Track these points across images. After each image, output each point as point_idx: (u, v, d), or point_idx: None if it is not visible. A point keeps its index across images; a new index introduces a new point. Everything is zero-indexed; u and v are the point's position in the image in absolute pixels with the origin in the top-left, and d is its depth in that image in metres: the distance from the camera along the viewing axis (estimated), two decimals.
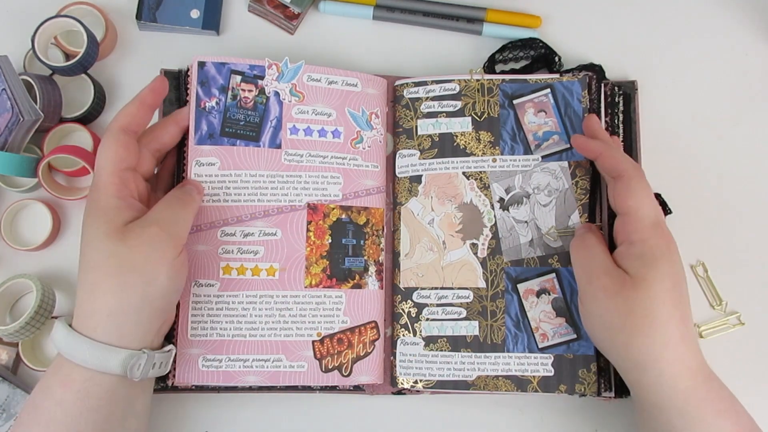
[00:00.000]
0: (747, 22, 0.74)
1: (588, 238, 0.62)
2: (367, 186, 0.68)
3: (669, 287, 0.56)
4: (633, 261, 0.57)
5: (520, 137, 0.68)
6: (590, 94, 0.68)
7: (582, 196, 0.67)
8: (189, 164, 0.65)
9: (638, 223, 0.58)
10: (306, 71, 0.68)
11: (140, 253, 0.54)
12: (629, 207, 0.59)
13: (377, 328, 0.67)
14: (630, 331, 0.55)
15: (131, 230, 0.55)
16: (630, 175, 0.59)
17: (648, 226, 0.58)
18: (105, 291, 0.54)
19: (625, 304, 0.56)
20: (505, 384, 0.65)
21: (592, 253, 0.60)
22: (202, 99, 0.66)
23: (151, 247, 0.55)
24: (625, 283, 0.56)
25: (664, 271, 0.56)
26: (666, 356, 0.55)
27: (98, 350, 0.53)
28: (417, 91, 0.70)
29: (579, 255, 0.62)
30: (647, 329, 0.55)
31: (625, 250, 0.59)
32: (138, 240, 0.54)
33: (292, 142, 0.67)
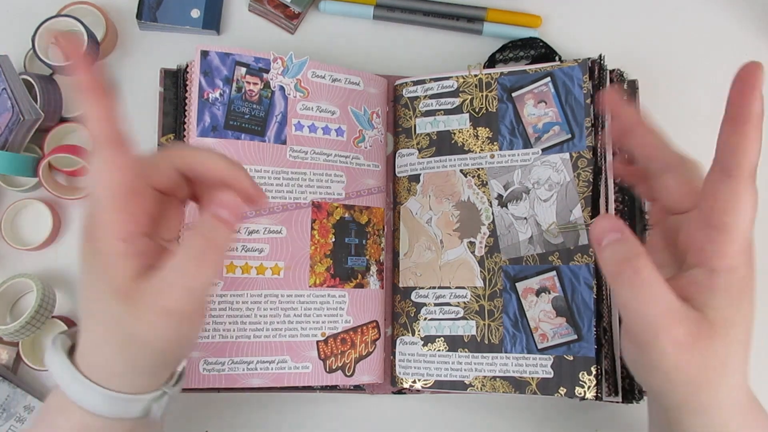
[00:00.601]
0: (747, 22, 0.74)
1: (642, 268, 0.43)
2: (369, 185, 0.68)
3: (747, 323, 0.44)
4: (715, 297, 0.43)
5: (520, 131, 0.68)
6: (592, 79, 0.67)
7: (584, 189, 0.66)
8: None
9: (733, 244, 0.43)
10: (310, 67, 0.68)
11: (153, 329, 0.43)
12: (728, 222, 0.43)
13: (378, 327, 0.67)
14: (698, 385, 0.44)
15: (141, 298, 0.43)
16: (740, 173, 0.43)
17: (743, 249, 0.43)
18: (115, 355, 0.45)
19: (700, 358, 0.43)
20: (502, 385, 0.64)
21: (654, 294, 0.43)
22: (206, 89, 0.64)
23: (166, 327, 0.43)
24: (702, 329, 0.43)
25: (747, 304, 0.44)
26: (726, 403, 0.45)
27: (118, 402, 0.45)
28: (416, 89, 0.70)
29: (633, 296, 0.43)
30: (715, 382, 0.44)
31: (704, 279, 0.44)
32: (151, 313, 0.43)
33: (297, 138, 0.66)
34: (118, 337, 0.44)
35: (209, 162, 0.46)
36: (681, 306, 0.43)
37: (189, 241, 0.44)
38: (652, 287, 0.43)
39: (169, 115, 0.68)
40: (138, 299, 0.42)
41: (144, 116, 0.71)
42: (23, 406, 0.64)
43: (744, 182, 0.42)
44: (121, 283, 0.43)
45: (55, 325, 0.66)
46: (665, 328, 0.43)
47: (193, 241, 0.44)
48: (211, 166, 0.46)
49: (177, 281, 0.43)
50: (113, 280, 0.43)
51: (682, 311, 0.43)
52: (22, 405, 0.64)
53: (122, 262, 0.43)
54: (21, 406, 0.64)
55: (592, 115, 0.66)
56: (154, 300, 0.42)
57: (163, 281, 0.43)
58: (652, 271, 0.43)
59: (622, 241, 0.44)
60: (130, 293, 0.42)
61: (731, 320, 0.43)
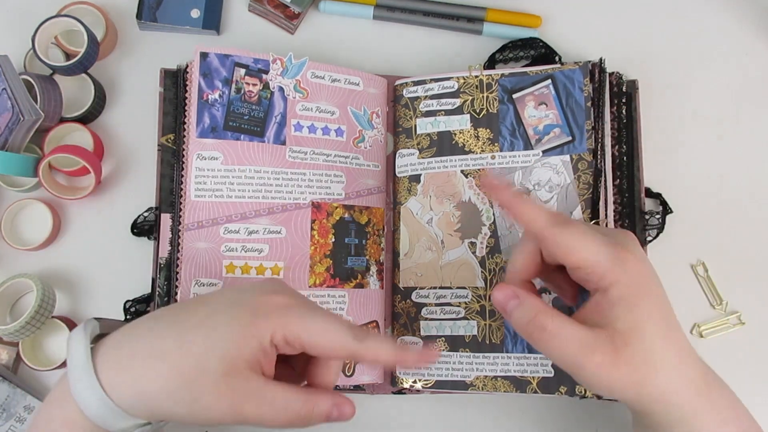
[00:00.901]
0: (747, 22, 0.74)
1: (545, 323, 0.50)
2: (369, 185, 0.68)
3: (657, 317, 0.50)
4: (615, 310, 0.49)
5: (520, 132, 0.68)
6: (592, 82, 0.67)
7: (584, 191, 0.66)
8: (190, 158, 0.64)
9: (595, 271, 0.50)
10: (310, 68, 0.68)
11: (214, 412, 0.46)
12: (575, 262, 0.50)
13: (378, 327, 0.67)
14: (638, 386, 0.49)
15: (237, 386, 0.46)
16: (553, 234, 0.51)
17: (607, 267, 0.50)
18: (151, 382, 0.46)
19: (627, 366, 0.48)
20: (504, 385, 0.64)
21: (563, 339, 0.49)
22: (205, 91, 0.65)
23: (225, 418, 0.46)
24: (617, 343, 0.49)
25: (648, 302, 0.50)
26: (671, 388, 0.50)
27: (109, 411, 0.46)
28: (416, 90, 0.70)
29: (548, 351, 0.50)
30: (652, 376, 0.49)
31: (601, 299, 0.50)
32: (226, 402, 0.46)
33: (297, 138, 0.67)
34: (185, 376, 0.46)
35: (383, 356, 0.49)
36: (590, 335, 0.49)
37: (299, 404, 0.47)
38: (560, 334, 0.49)
39: (169, 115, 0.68)
40: (230, 382, 0.46)
41: (144, 116, 0.71)
42: (23, 406, 0.64)
43: (551, 233, 0.50)
44: (237, 360, 0.46)
45: (55, 325, 0.66)
46: (585, 360, 0.48)
47: (300, 408, 0.47)
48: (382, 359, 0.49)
49: (262, 410, 0.46)
50: (235, 353, 0.46)
51: (593, 339, 0.49)
52: (22, 405, 0.64)
53: (256, 350, 0.46)
54: (21, 406, 0.64)
55: (592, 118, 0.66)
56: (238, 398, 0.46)
57: (255, 396, 0.46)
58: (554, 320, 0.49)
59: (521, 305, 0.51)
60: (231, 371, 0.46)
61: (637, 321, 0.49)
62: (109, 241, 0.69)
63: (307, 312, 0.48)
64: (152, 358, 0.46)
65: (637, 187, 0.68)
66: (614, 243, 0.51)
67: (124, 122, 0.71)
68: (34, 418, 0.50)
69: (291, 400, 0.47)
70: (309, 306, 0.49)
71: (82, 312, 0.68)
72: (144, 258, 0.68)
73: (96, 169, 0.67)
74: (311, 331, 0.47)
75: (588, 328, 0.49)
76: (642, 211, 0.68)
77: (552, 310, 0.50)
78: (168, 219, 0.66)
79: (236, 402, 0.46)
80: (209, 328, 0.47)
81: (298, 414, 0.47)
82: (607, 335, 0.49)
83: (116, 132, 0.71)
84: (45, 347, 0.68)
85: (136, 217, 0.68)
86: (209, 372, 0.45)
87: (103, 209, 0.70)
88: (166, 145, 0.67)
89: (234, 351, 0.46)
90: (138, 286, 0.68)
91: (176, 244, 0.64)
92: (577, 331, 0.49)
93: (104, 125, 0.71)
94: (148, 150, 0.70)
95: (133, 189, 0.70)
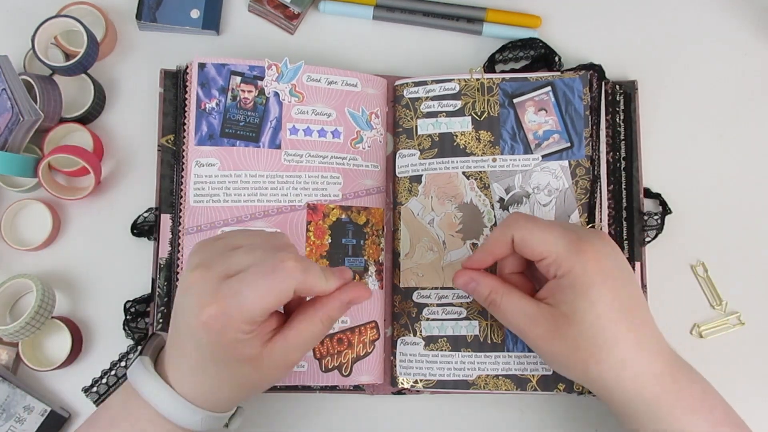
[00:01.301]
0: (747, 22, 0.74)
1: (497, 298, 0.59)
2: (367, 186, 0.68)
3: (608, 304, 0.54)
4: (563, 294, 0.55)
5: (520, 136, 0.68)
6: (591, 91, 0.68)
7: (582, 196, 0.67)
8: (189, 165, 0.65)
9: (554, 261, 0.56)
10: (306, 71, 0.68)
11: (274, 379, 0.54)
12: (538, 255, 0.56)
13: (377, 327, 0.67)
14: (583, 364, 0.55)
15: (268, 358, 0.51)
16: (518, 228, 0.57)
17: (564, 257, 0.55)
18: (228, 392, 0.53)
19: (567, 343, 0.55)
20: (505, 383, 0.65)
21: (512, 311, 0.58)
22: (203, 100, 0.66)
23: (284, 374, 0.55)
24: (559, 322, 0.55)
25: (599, 290, 0.54)
26: (625, 374, 0.54)
27: (213, 420, 0.53)
28: (417, 90, 0.70)
29: (502, 320, 0.60)
30: (598, 356, 0.54)
31: (554, 284, 0.56)
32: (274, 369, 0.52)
33: (292, 142, 0.67)
34: (239, 384, 0.52)
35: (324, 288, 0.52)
36: (535, 311, 0.57)
37: (317, 318, 0.52)
38: (507, 306, 0.58)
39: (169, 115, 0.68)
40: (265, 360, 0.51)
41: (144, 116, 0.71)
42: (23, 406, 0.64)
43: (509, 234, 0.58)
44: (249, 353, 0.50)
45: (54, 325, 0.66)
46: (528, 329, 0.57)
47: (322, 319, 0.52)
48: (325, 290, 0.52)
49: (302, 346, 0.52)
50: (241, 354, 0.50)
51: (537, 314, 0.56)
52: (22, 405, 0.64)
53: (249, 343, 0.50)
54: (21, 407, 0.64)
55: (590, 125, 0.67)
56: (283, 359, 0.52)
57: (290, 347, 0.52)
58: (504, 296, 0.58)
59: (477, 286, 0.60)
60: (257, 358, 0.51)
61: (580, 308, 0.54)
62: (109, 241, 0.69)
63: (233, 297, 0.49)
64: (197, 369, 0.51)
65: (635, 188, 0.69)
66: (575, 237, 0.56)
67: (124, 122, 0.71)
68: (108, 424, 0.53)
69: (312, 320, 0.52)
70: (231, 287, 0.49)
71: (82, 312, 0.68)
72: (144, 258, 0.68)
73: (96, 170, 0.67)
74: (252, 312, 0.49)
75: (536, 303, 0.57)
76: (641, 212, 0.68)
77: (504, 287, 0.59)
78: (168, 219, 0.66)
79: (285, 364, 0.52)
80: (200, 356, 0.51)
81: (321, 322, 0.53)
82: (551, 312, 0.56)
83: (116, 132, 0.71)
84: (45, 347, 0.68)
85: (136, 217, 0.68)
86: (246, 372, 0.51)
87: (103, 209, 0.70)
88: (166, 146, 0.68)
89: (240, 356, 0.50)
90: (138, 286, 0.68)
91: (176, 246, 0.65)
92: (525, 305, 0.57)
93: (104, 125, 0.71)
94: (148, 150, 0.70)
95: (132, 189, 0.70)
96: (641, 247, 0.68)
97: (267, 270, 0.49)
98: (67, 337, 0.65)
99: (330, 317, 0.53)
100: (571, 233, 0.56)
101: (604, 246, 0.56)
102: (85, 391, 0.66)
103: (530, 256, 0.57)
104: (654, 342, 0.56)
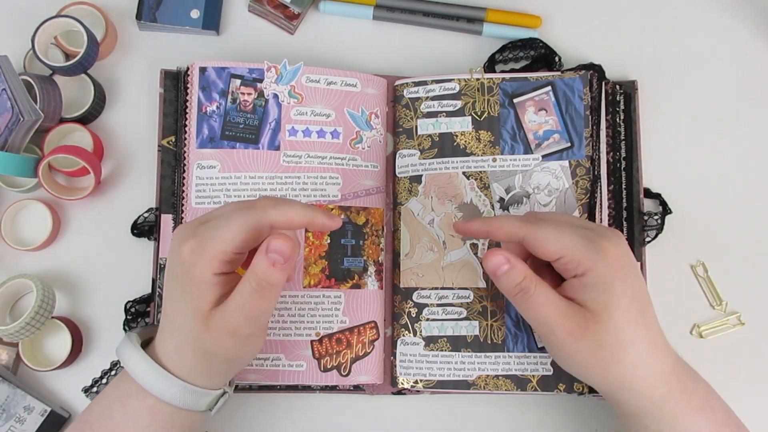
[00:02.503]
0: (747, 22, 0.74)
1: (529, 286, 0.55)
2: (367, 186, 0.68)
3: (629, 303, 0.54)
4: (588, 293, 0.54)
5: (521, 136, 0.68)
6: (591, 91, 0.68)
7: (582, 196, 0.67)
8: (190, 167, 0.66)
9: (573, 259, 0.54)
10: (305, 72, 0.68)
11: (222, 346, 0.53)
12: (554, 254, 0.55)
13: (377, 328, 0.67)
14: (605, 363, 0.54)
15: (213, 322, 0.52)
16: (528, 232, 0.56)
17: (584, 255, 0.54)
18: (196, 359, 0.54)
19: (594, 341, 0.54)
20: (505, 383, 0.65)
21: (542, 302, 0.55)
22: (204, 103, 0.67)
23: (231, 344, 0.53)
24: (588, 319, 0.54)
25: (621, 288, 0.54)
26: (639, 373, 0.54)
27: (194, 394, 0.55)
28: (417, 90, 0.70)
29: (529, 312, 0.56)
30: (619, 356, 0.54)
31: (577, 282, 0.55)
32: (220, 334, 0.52)
33: (291, 143, 0.67)
34: (196, 347, 0.53)
35: (294, 215, 0.53)
36: (566, 305, 0.55)
37: (248, 280, 0.51)
38: (539, 297, 0.55)
39: (169, 115, 0.68)
40: (211, 323, 0.52)
41: (144, 116, 0.71)
42: (23, 406, 0.64)
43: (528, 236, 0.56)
44: (202, 308, 0.52)
45: (54, 325, 0.66)
46: (557, 323, 0.54)
47: (251, 280, 0.51)
48: (295, 217, 0.53)
49: (238, 311, 0.52)
50: (198, 306, 0.52)
51: (568, 309, 0.55)
52: (22, 405, 0.64)
53: (209, 291, 0.52)
54: (21, 407, 0.64)
55: (591, 126, 0.67)
56: (223, 324, 0.52)
57: (228, 310, 0.52)
58: (538, 285, 0.55)
59: (511, 270, 0.55)
60: (206, 318, 0.52)
61: (610, 305, 0.53)
62: (109, 241, 0.69)
63: (212, 232, 0.52)
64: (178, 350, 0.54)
65: (636, 188, 0.69)
66: (593, 234, 0.55)
67: (124, 123, 0.71)
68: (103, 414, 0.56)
69: (241, 286, 0.52)
70: (211, 227, 0.53)
71: (82, 312, 0.68)
72: (144, 258, 0.68)
73: (96, 170, 0.67)
74: (226, 242, 0.51)
75: (565, 299, 0.55)
76: (641, 212, 0.68)
77: (537, 276, 0.55)
78: (168, 220, 0.66)
79: (228, 331, 0.52)
80: (177, 306, 0.54)
81: (250, 288, 0.51)
82: (579, 309, 0.55)
83: (116, 132, 0.71)
84: (45, 348, 0.68)
85: (137, 217, 0.68)
86: (198, 333, 0.52)
87: (103, 209, 0.70)
88: (166, 147, 0.68)
89: (197, 307, 0.52)
90: (138, 286, 0.68)
91: None
92: (557, 299, 0.55)
93: (104, 126, 0.71)
94: (148, 151, 0.70)
95: (133, 189, 0.70)
96: (641, 247, 0.68)
97: (241, 207, 0.53)
98: (67, 337, 0.66)
99: (255, 273, 0.51)
100: (586, 230, 0.56)
101: (620, 243, 0.56)
102: (85, 391, 0.66)
103: (545, 257, 0.56)
104: (662, 341, 0.56)
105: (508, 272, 0.55)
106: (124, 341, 0.56)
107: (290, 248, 0.51)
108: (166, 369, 0.54)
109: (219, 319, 0.52)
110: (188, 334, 0.53)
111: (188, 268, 0.52)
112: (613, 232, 0.57)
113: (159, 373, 0.54)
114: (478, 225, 0.59)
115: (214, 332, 0.52)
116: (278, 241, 0.51)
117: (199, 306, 0.52)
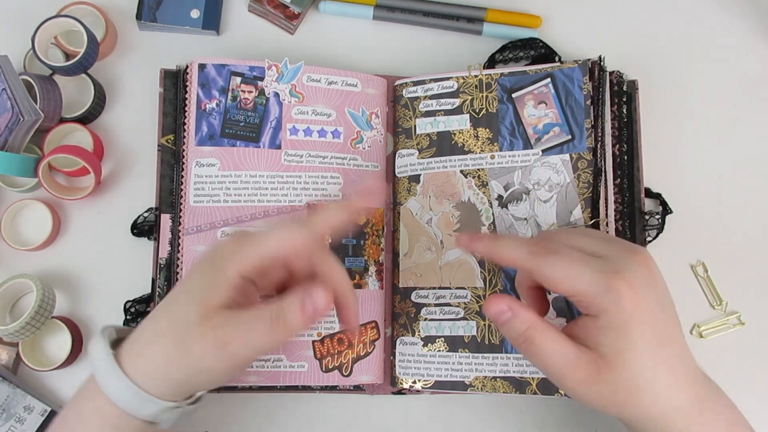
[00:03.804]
0: (747, 22, 0.74)
1: (534, 336, 0.51)
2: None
3: (646, 343, 0.50)
4: (601, 336, 0.50)
5: (520, 132, 0.68)
6: (592, 80, 0.67)
7: (584, 190, 0.66)
8: (189, 165, 0.66)
9: (584, 300, 0.50)
10: (306, 71, 0.68)
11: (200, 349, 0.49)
12: (564, 293, 0.51)
13: (377, 327, 0.67)
14: (619, 406, 0.51)
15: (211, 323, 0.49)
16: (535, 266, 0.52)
17: (596, 296, 0.50)
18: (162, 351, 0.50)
19: (607, 387, 0.50)
20: (503, 385, 0.64)
21: (549, 353, 0.51)
22: (203, 101, 0.67)
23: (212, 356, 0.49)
24: (600, 366, 0.50)
25: (639, 330, 0.49)
26: (655, 410, 0.51)
27: (136, 397, 0.50)
28: (416, 90, 0.70)
29: (535, 361, 0.52)
30: (634, 399, 0.50)
31: (590, 322, 0.51)
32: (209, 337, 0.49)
33: (292, 142, 0.67)
34: (175, 336, 0.50)
35: (336, 275, 0.53)
36: (576, 354, 0.50)
37: (269, 308, 0.50)
38: (546, 348, 0.50)
39: (169, 115, 0.68)
40: (209, 321, 0.49)
41: (144, 116, 0.71)
42: (23, 406, 0.64)
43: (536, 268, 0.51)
44: (210, 301, 0.50)
45: (55, 325, 0.66)
46: (567, 375, 0.50)
47: (273, 310, 0.49)
48: (337, 279, 0.53)
49: (241, 333, 0.49)
50: (207, 296, 0.50)
51: (578, 358, 0.50)
52: (22, 405, 0.64)
53: (225, 288, 0.50)
54: (21, 407, 0.64)
55: (592, 116, 0.66)
56: (219, 330, 0.49)
57: (231, 324, 0.49)
58: (543, 334, 0.50)
59: (514, 318, 0.51)
60: (208, 314, 0.49)
61: (623, 350, 0.49)
62: (109, 241, 0.69)
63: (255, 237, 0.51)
64: (154, 335, 0.51)
65: (636, 187, 0.68)
66: (606, 269, 0.50)
67: (124, 122, 0.71)
68: (63, 414, 0.54)
69: (261, 310, 0.50)
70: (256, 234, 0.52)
71: (82, 312, 0.68)
72: (144, 258, 0.68)
73: (96, 170, 0.67)
74: (266, 248, 0.50)
75: (575, 345, 0.51)
76: (642, 212, 0.68)
77: (543, 324, 0.51)
78: (168, 219, 0.66)
79: (220, 339, 0.49)
80: (186, 290, 0.52)
81: (270, 318, 0.49)
82: (591, 356, 0.50)
83: (116, 132, 0.71)
84: (45, 347, 0.68)
85: (136, 217, 0.68)
86: (191, 323, 0.49)
87: (103, 209, 0.70)
88: (166, 146, 0.68)
89: (206, 298, 0.49)
90: (138, 286, 0.68)
91: (176, 246, 0.65)
92: (564, 347, 0.51)
93: (104, 125, 0.71)
94: (148, 150, 0.70)
95: (132, 189, 0.70)
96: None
97: (288, 221, 0.52)
98: (67, 337, 0.66)
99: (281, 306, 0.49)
100: (602, 262, 0.51)
101: (639, 276, 0.50)
102: None
103: (555, 293, 0.53)
104: (683, 372, 0.52)
105: (511, 321, 0.51)
106: (99, 332, 0.53)
107: (325, 306, 0.49)
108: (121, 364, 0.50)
109: (219, 322, 0.49)
110: (176, 319, 0.50)
111: (218, 260, 0.51)
112: (633, 256, 0.52)
113: (110, 365, 0.50)
114: (483, 245, 0.55)
115: (205, 331, 0.49)
116: (321, 293, 0.49)
117: (208, 297, 0.50)
